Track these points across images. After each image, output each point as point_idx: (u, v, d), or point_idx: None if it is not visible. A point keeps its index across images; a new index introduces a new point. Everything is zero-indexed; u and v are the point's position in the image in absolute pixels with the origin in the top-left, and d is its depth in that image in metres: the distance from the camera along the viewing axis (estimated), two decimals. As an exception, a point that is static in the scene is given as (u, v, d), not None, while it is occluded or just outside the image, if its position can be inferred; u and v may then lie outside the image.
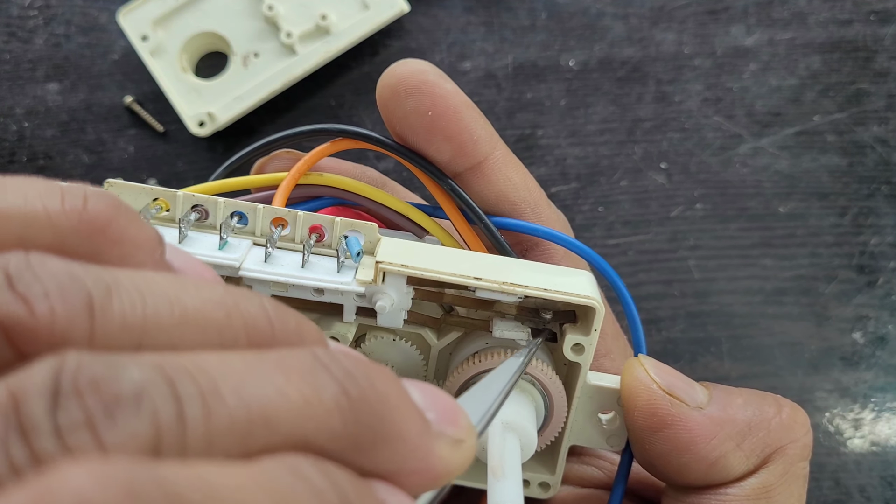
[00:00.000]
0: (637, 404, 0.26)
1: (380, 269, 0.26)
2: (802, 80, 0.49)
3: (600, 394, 0.28)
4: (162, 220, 0.27)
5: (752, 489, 0.26)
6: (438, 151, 0.29)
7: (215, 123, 0.45)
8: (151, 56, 0.46)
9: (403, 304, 0.27)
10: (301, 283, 0.25)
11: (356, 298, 0.26)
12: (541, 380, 0.27)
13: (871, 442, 0.45)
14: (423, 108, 0.28)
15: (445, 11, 0.49)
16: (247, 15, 0.47)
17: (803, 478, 0.27)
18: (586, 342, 0.27)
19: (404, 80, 0.28)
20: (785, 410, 0.27)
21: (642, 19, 0.49)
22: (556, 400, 0.27)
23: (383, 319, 0.27)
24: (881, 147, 0.48)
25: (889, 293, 0.47)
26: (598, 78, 0.49)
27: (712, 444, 0.26)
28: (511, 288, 0.26)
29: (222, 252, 0.26)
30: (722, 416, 0.26)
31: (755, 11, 0.50)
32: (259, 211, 0.27)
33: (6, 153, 0.47)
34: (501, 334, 0.27)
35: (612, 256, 0.46)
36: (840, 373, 0.45)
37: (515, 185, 0.30)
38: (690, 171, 0.48)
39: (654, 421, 0.26)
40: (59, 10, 0.48)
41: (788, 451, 0.27)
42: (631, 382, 0.27)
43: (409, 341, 0.29)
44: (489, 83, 0.48)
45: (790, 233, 0.47)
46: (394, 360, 0.29)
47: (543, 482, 0.30)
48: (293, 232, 0.27)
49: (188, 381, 0.14)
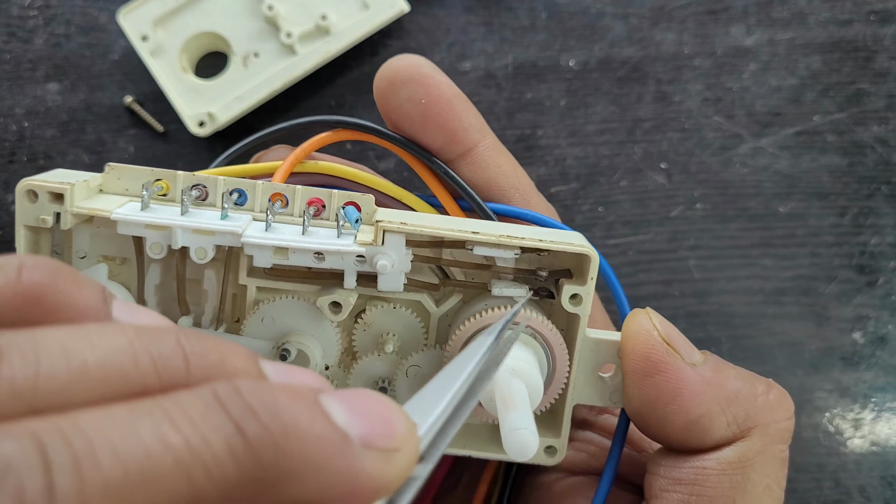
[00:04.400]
0: (634, 347, 0.27)
1: (380, 227, 0.26)
2: (802, 80, 0.49)
3: (601, 347, 0.29)
4: (161, 200, 0.28)
5: (728, 462, 0.26)
6: (432, 139, 0.30)
7: (215, 123, 0.45)
8: (151, 56, 0.46)
9: (403, 265, 0.27)
10: (302, 246, 0.26)
11: (357, 261, 0.27)
12: (542, 333, 0.27)
13: (871, 442, 0.45)
14: (417, 96, 0.30)
15: (445, 11, 0.49)
16: (247, 15, 0.47)
17: (781, 461, 0.28)
18: (583, 291, 0.27)
19: (400, 72, 0.30)
20: (773, 392, 0.28)
21: (642, 19, 0.49)
22: (558, 353, 0.28)
23: (384, 282, 0.27)
24: (881, 147, 0.48)
25: (889, 293, 0.47)
26: (598, 78, 0.49)
27: (698, 401, 0.26)
28: (507, 240, 0.27)
29: (224, 222, 0.27)
30: (712, 379, 0.27)
31: (755, 11, 0.50)
32: (258, 187, 0.28)
33: (6, 153, 0.47)
34: (500, 292, 0.28)
35: (612, 256, 0.46)
36: (840, 373, 0.45)
37: (505, 173, 0.31)
38: (690, 171, 0.48)
39: (647, 365, 0.27)
40: (59, 10, 0.48)
41: (769, 430, 0.27)
42: (633, 327, 0.27)
43: (409, 309, 0.29)
44: (489, 83, 0.48)
45: (790, 233, 0.47)
46: (394, 329, 0.29)
47: (549, 446, 0.29)
48: (291, 207, 0.28)
49: (61, 447, 0.13)
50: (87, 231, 0.28)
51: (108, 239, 0.28)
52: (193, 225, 0.26)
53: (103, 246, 0.29)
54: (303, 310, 0.28)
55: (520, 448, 0.22)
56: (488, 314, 0.27)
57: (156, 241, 0.27)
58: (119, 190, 0.28)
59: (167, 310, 0.29)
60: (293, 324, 0.28)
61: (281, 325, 0.28)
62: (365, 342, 0.29)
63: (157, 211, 0.27)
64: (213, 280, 0.29)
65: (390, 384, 0.29)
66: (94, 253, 0.29)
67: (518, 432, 0.22)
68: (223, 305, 0.29)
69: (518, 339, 0.27)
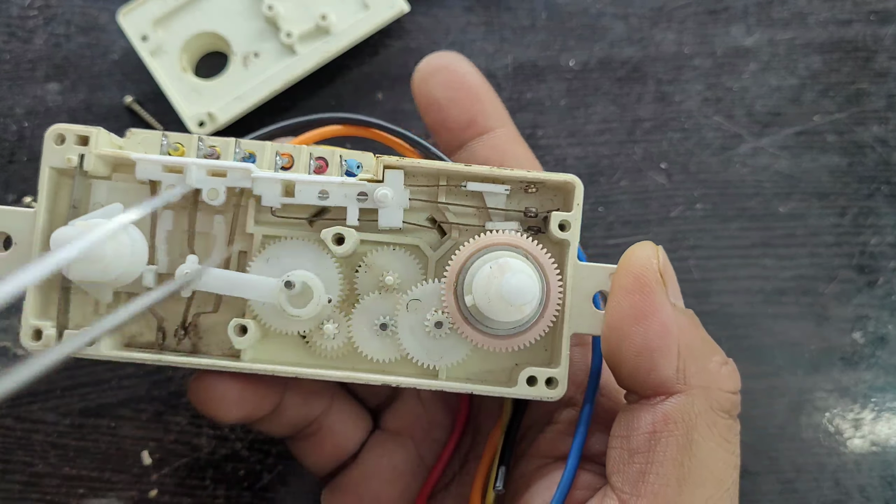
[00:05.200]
0: (629, 265, 0.28)
1: (380, 162, 0.29)
2: (802, 80, 0.49)
3: (594, 274, 0.30)
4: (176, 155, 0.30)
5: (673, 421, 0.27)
6: (455, 119, 0.34)
7: (215, 123, 0.45)
8: (151, 56, 0.46)
9: (402, 200, 0.30)
10: (309, 180, 0.29)
11: (359, 198, 0.29)
12: (533, 253, 0.29)
13: (871, 442, 0.45)
14: (446, 81, 0.34)
15: (445, 11, 0.49)
16: (247, 15, 0.47)
17: (728, 430, 0.28)
18: (571, 217, 0.30)
19: (434, 63, 0.35)
20: (727, 366, 0.29)
21: (642, 19, 0.49)
22: (551, 276, 0.29)
23: (384, 217, 0.30)
24: (881, 147, 0.48)
25: (889, 293, 0.47)
26: (598, 78, 0.49)
27: (661, 332, 0.28)
28: (498, 172, 0.29)
29: (236, 163, 0.29)
30: (683, 324, 0.28)
31: (755, 11, 0.50)
32: (267, 148, 0.30)
33: (6, 153, 0.47)
34: (493, 227, 0.30)
35: (613, 256, 0.46)
36: (840, 373, 0.45)
37: (519, 160, 0.34)
38: (690, 171, 0.48)
39: (634, 282, 0.28)
40: (59, 10, 0.48)
41: (711, 394, 0.28)
42: (636, 250, 0.29)
43: (408, 252, 0.31)
44: (489, 83, 0.48)
45: (790, 233, 0.47)
46: (395, 268, 0.31)
47: (550, 378, 0.30)
48: (297, 165, 0.30)
49: None
50: (105, 185, 0.30)
51: (126, 192, 0.30)
52: (207, 164, 0.29)
53: (120, 198, 0.30)
54: (306, 249, 0.30)
55: (516, 289, 0.25)
56: (484, 237, 0.29)
57: (171, 184, 0.29)
58: (138, 152, 0.30)
59: (175, 262, 0.31)
60: (297, 263, 0.30)
61: (285, 264, 0.30)
62: (366, 283, 0.31)
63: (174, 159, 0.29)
64: (223, 226, 0.31)
65: (392, 320, 0.30)
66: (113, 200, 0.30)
67: (515, 274, 0.25)
68: (230, 253, 0.31)
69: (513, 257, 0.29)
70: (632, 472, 0.27)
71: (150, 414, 0.44)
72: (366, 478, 0.35)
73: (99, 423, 0.43)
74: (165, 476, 0.43)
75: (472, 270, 0.28)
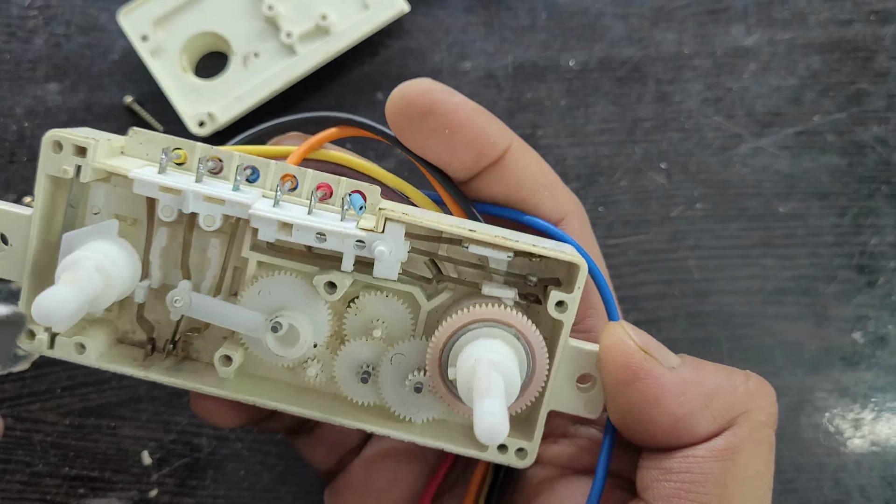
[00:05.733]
0: (613, 357, 0.28)
1: (382, 215, 0.28)
2: (802, 80, 0.49)
3: (580, 357, 0.29)
4: (178, 169, 0.29)
5: (717, 449, 0.27)
6: (461, 161, 0.30)
7: (215, 123, 0.45)
8: (151, 56, 0.46)
9: (400, 254, 0.28)
10: (306, 224, 0.27)
11: (356, 245, 0.28)
12: (526, 335, 0.28)
13: (871, 442, 0.45)
14: (440, 127, 0.29)
15: (445, 11, 0.49)
16: (247, 15, 0.47)
17: (769, 445, 0.28)
18: (569, 299, 0.28)
19: (414, 103, 0.29)
20: (752, 381, 0.29)
21: (642, 19, 0.49)
22: (539, 357, 0.28)
23: (380, 269, 0.28)
24: (881, 147, 0.48)
25: (889, 293, 0.47)
26: (598, 78, 0.49)
27: (680, 401, 0.27)
28: (503, 241, 0.28)
29: (235, 193, 0.28)
30: (692, 378, 0.28)
31: (755, 11, 0.50)
32: (271, 166, 0.29)
33: (6, 153, 0.47)
34: (490, 292, 0.29)
35: (612, 256, 0.46)
36: (840, 373, 0.45)
37: (533, 172, 0.32)
38: (690, 171, 0.48)
39: (627, 374, 0.27)
40: (59, 10, 0.48)
41: (753, 416, 0.28)
42: (609, 339, 0.28)
43: (401, 300, 0.30)
44: (489, 83, 0.48)
45: (790, 233, 0.47)
46: (384, 317, 0.30)
47: (521, 448, 0.30)
48: (301, 190, 0.29)
49: None
50: (103, 189, 0.30)
51: (123, 199, 0.30)
52: (206, 192, 0.27)
53: (117, 205, 0.30)
54: (298, 287, 0.29)
55: (489, 431, 0.23)
56: (476, 309, 0.28)
57: (167, 205, 0.28)
58: (140, 154, 0.29)
59: (168, 275, 0.30)
60: (288, 300, 0.29)
61: (276, 299, 0.29)
62: (355, 326, 0.30)
63: (173, 176, 0.28)
64: (218, 249, 0.30)
65: (374, 370, 0.30)
66: (108, 210, 0.30)
67: (488, 416, 0.23)
68: (223, 275, 0.30)
69: (502, 337, 0.28)
70: (667, 490, 0.27)
71: (150, 414, 0.44)
72: (369, 479, 0.34)
73: (99, 423, 0.43)
74: (165, 476, 0.43)
75: (461, 342, 0.28)
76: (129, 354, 0.31)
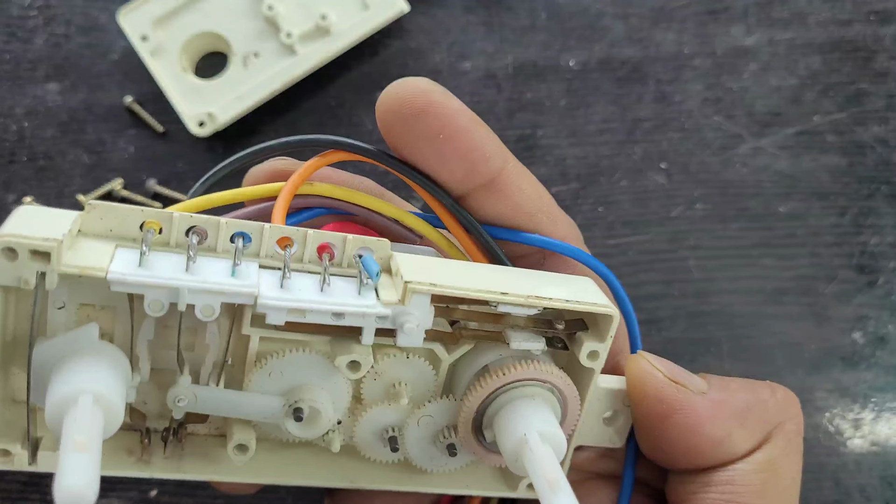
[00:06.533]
0: (646, 392, 0.27)
1: (409, 289, 0.25)
2: (802, 80, 0.49)
3: (607, 396, 0.29)
4: (157, 244, 0.25)
5: (758, 463, 0.27)
6: (451, 172, 0.28)
7: (215, 123, 0.45)
8: (151, 56, 0.46)
9: (425, 323, 0.26)
10: (323, 308, 0.24)
11: (377, 320, 0.25)
12: (560, 387, 0.27)
13: (871, 442, 0.45)
14: (433, 131, 0.27)
15: (445, 11, 0.49)
16: (247, 15, 0.47)
17: (800, 452, 0.29)
18: (601, 348, 0.27)
19: (409, 103, 0.27)
20: (779, 392, 0.29)
21: (642, 19, 0.49)
22: (571, 405, 0.28)
23: (404, 339, 0.26)
24: (881, 147, 0.48)
25: (889, 293, 0.47)
26: (598, 78, 0.49)
27: (717, 424, 0.27)
28: (536, 301, 0.26)
29: (235, 279, 0.24)
30: (723, 399, 0.28)
31: (755, 11, 0.50)
32: (265, 231, 0.25)
33: (6, 153, 0.47)
34: (519, 346, 0.27)
35: (612, 256, 0.46)
36: (840, 373, 0.45)
37: (530, 197, 0.30)
38: (690, 171, 0.48)
39: (662, 407, 0.27)
40: (59, 10, 0.48)
41: (787, 427, 0.28)
42: (637, 374, 0.28)
43: (423, 358, 0.28)
44: (489, 83, 0.48)
45: (790, 233, 0.47)
46: (407, 378, 0.28)
47: None
48: (300, 251, 0.26)
49: None
50: (66, 281, 0.24)
51: (90, 288, 0.25)
52: (202, 286, 0.23)
53: (84, 294, 0.25)
54: (313, 363, 0.26)
55: None
56: (511, 371, 0.26)
57: (156, 300, 0.23)
58: (102, 231, 0.24)
59: (157, 357, 0.26)
60: (303, 378, 0.26)
61: (289, 379, 0.26)
62: (375, 391, 0.28)
63: (156, 263, 0.24)
64: (216, 333, 0.26)
65: (400, 433, 0.28)
66: (74, 301, 0.25)
67: None
68: (225, 360, 0.26)
69: (539, 395, 0.27)
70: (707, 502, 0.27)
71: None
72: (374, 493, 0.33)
73: (99, 423, 0.43)
74: (165, 476, 0.43)
75: (497, 403, 0.26)
76: (123, 447, 0.27)
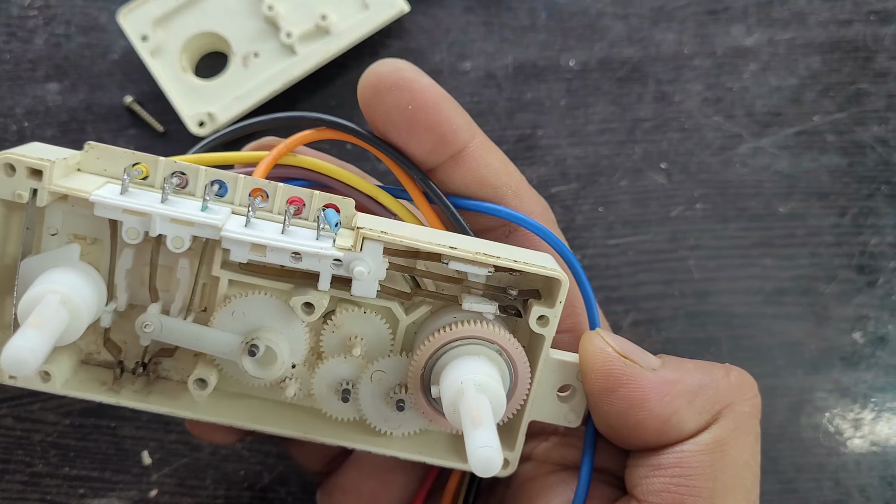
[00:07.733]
0: (594, 367, 0.28)
1: (360, 234, 0.27)
2: (802, 80, 0.49)
3: (560, 368, 0.30)
4: (141, 184, 0.27)
5: (706, 443, 0.28)
6: (420, 143, 0.30)
7: (215, 123, 0.45)
8: (151, 56, 0.46)
9: (378, 273, 0.27)
10: (281, 245, 0.26)
11: (333, 265, 0.27)
12: (508, 350, 0.28)
13: (871, 442, 0.45)
14: (403, 102, 0.29)
15: (445, 11, 0.49)
16: (247, 15, 0.47)
17: (755, 435, 0.29)
18: (551, 314, 0.28)
19: (383, 78, 0.29)
20: (733, 373, 0.29)
21: (642, 19, 0.49)
22: (521, 371, 0.28)
23: (358, 288, 0.28)
24: (881, 147, 0.48)
25: (889, 293, 0.47)
26: (598, 78, 0.49)
27: (665, 401, 0.28)
28: (484, 258, 0.27)
29: (204, 214, 0.26)
30: (673, 377, 0.28)
31: (755, 11, 0.50)
32: (240, 181, 0.28)
33: (6, 153, 0.47)
34: (470, 307, 0.29)
35: (612, 256, 0.46)
36: (840, 373, 0.45)
37: (497, 170, 0.31)
38: (690, 171, 0.48)
39: (610, 381, 0.28)
40: (59, 10, 0.48)
41: (738, 408, 0.28)
42: (588, 348, 0.29)
43: (379, 315, 0.29)
44: (489, 83, 0.48)
45: (790, 233, 0.47)
46: (363, 333, 0.30)
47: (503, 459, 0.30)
48: (272, 204, 0.28)
49: None
50: (60, 209, 0.28)
51: (82, 218, 0.28)
52: (173, 214, 0.26)
53: (76, 224, 0.28)
54: (274, 307, 0.28)
55: (485, 465, 0.23)
56: (458, 327, 0.28)
57: (132, 227, 0.26)
58: (97, 170, 0.27)
59: (135, 294, 0.29)
60: (263, 320, 0.28)
61: (251, 320, 0.28)
62: (332, 343, 0.30)
63: (137, 196, 0.26)
64: (187, 269, 0.29)
65: (354, 387, 0.30)
66: (66, 231, 0.28)
67: (484, 450, 0.23)
68: (193, 296, 0.29)
69: (485, 354, 0.27)
70: (657, 485, 0.27)
71: (150, 414, 0.44)
72: (362, 478, 0.35)
73: (99, 423, 0.43)
74: (165, 476, 0.43)
75: (443, 360, 0.28)
76: (97, 378, 0.29)
